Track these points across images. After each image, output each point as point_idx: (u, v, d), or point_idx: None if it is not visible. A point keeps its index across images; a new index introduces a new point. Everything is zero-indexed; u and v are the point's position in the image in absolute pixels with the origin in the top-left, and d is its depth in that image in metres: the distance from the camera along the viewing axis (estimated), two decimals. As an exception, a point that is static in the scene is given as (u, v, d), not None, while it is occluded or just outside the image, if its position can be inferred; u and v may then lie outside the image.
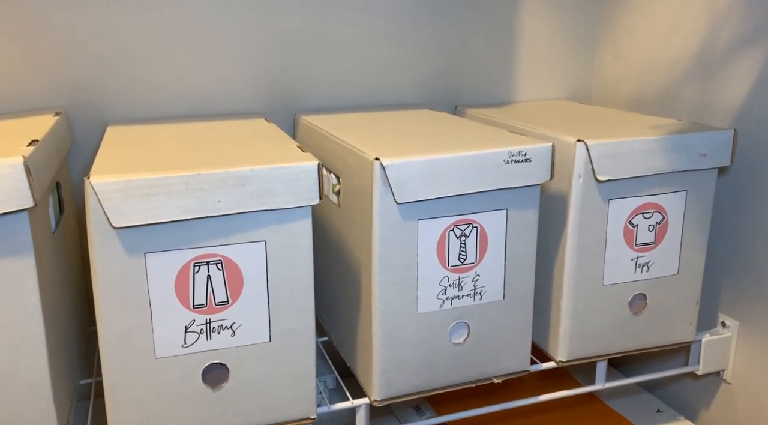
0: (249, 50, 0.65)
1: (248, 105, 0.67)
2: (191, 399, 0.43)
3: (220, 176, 0.40)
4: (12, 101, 0.59)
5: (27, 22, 0.58)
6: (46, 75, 0.59)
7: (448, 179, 0.46)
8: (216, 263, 0.42)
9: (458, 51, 0.73)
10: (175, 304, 0.42)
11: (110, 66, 0.61)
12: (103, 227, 0.39)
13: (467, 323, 0.50)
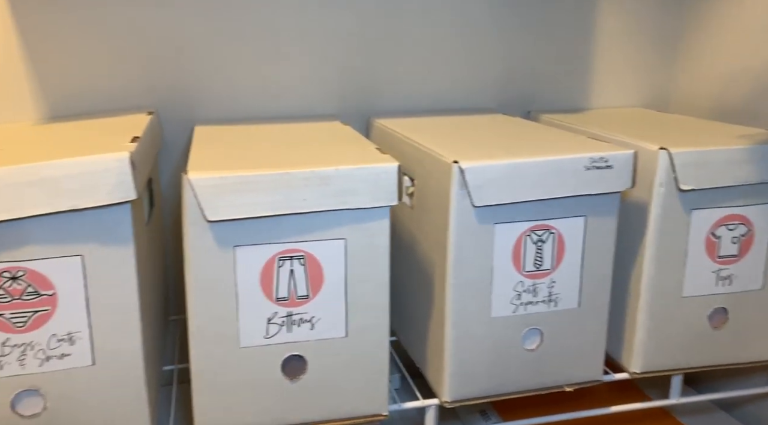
0: (325, 55, 0.67)
1: (324, 108, 0.69)
2: (271, 389, 0.45)
3: (306, 174, 0.42)
4: (106, 101, 0.63)
5: (120, 25, 0.61)
6: (137, 76, 0.63)
7: (527, 184, 0.46)
8: (299, 259, 0.44)
9: (532, 55, 0.73)
10: (260, 296, 0.43)
11: (197, 69, 0.64)
12: (198, 221, 0.41)
13: (540, 329, 0.50)
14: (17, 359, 0.39)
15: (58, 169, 0.38)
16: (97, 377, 0.41)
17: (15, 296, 0.38)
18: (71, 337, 0.40)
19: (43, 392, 0.40)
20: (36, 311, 0.39)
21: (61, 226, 0.39)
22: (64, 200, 0.38)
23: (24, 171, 0.37)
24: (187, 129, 0.65)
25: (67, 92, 0.62)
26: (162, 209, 0.65)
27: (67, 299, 0.40)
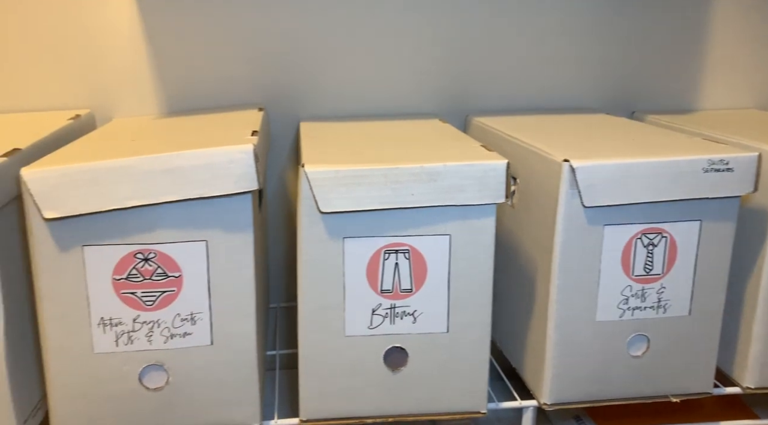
0: (425, 53, 0.68)
1: (422, 106, 0.70)
2: (373, 378, 0.46)
3: (415, 170, 0.43)
4: (219, 97, 0.67)
5: (236, 25, 0.65)
6: (248, 74, 0.66)
7: (640, 185, 0.45)
8: (404, 253, 0.45)
9: (637, 54, 0.70)
10: (366, 287, 0.45)
11: (303, 67, 0.67)
12: (312, 212, 0.43)
13: (647, 336, 0.48)
14: (146, 335, 0.42)
15: (189, 159, 0.40)
16: (214, 356, 0.44)
17: (146, 276, 0.42)
18: (193, 317, 0.43)
19: (166, 367, 0.43)
20: (164, 291, 0.42)
21: (188, 213, 0.41)
22: (193, 188, 0.41)
23: (158, 161, 0.40)
24: (290, 125, 0.68)
25: (185, 88, 0.66)
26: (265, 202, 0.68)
27: (191, 281, 0.42)
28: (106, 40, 0.63)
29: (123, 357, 0.42)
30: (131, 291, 0.41)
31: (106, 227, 0.40)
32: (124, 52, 0.63)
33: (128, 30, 0.62)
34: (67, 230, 0.40)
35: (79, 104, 0.64)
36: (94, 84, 0.64)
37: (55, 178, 0.38)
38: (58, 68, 0.62)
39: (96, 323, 0.41)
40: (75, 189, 0.39)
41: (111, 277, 0.41)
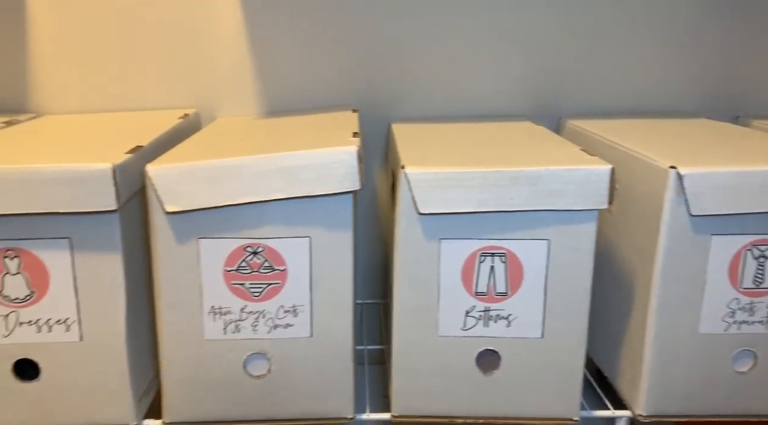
0: (516, 55, 0.68)
1: (513, 108, 0.70)
2: (465, 379, 0.47)
3: (515, 173, 0.43)
4: (314, 98, 0.69)
5: (333, 28, 0.66)
6: (342, 76, 0.68)
7: (752, 195, 0.43)
8: (500, 256, 0.45)
9: (741, 55, 0.67)
10: (460, 289, 0.45)
11: (394, 69, 0.68)
12: (410, 212, 0.44)
13: (755, 352, 0.46)
14: (251, 324, 0.45)
15: (296, 159, 0.42)
16: (313, 348, 0.46)
17: (254, 268, 0.44)
18: (295, 309, 0.45)
19: (269, 356, 0.45)
20: (269, 283, 0.44)
21: (294, 210, 0.43)
22: (299, 187, 0.43)
23: (269, 160, 0.42)
24: (379, 126, 0.70)
25: (283, 90, 0.69)
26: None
27: (295, 275, 0.44)
28: (212, 44, 0.66)
29: (230, 345, 0.45)
30: (240, 282, 0.44)
31: (220, 221, 0.43)
32: (228, 55, 0.66)
33: (233, 34, 0.66)
34: (185, 223, 0.43)
35: (185, 104, 0.68)
36: (200, 85, 0.67)
37: (177, 174, 0.41)
38: (168, 70, 0.67)
39: (207, 311, 0.44)
40: (194, 185, 0.41)
41: (222, 268, 0.44)
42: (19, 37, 0.64)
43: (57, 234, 0.42)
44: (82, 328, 0.44)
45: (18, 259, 0.42)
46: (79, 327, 0.43)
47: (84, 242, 0.42)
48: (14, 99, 0.66)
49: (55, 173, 0.40)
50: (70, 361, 0.44)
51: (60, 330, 0.43)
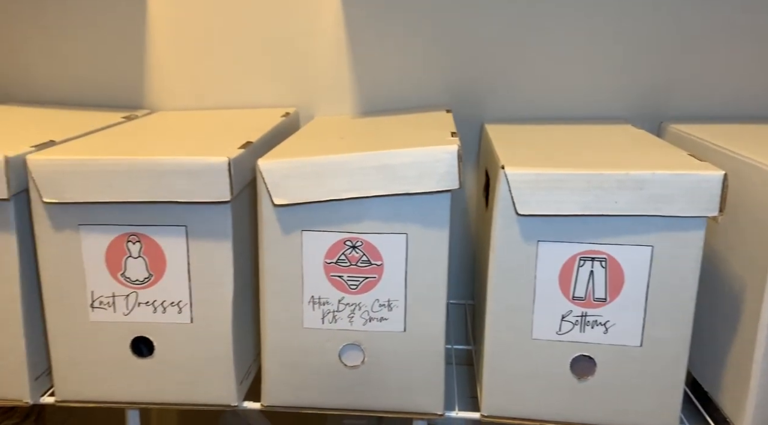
0: (614, 57, 0.66)
1: (609, 111, 0.68)
2: (558, 384, 0.46)
3: (620, 177, 0.42)
4: (408, 98, 0.70)
5: (433, 28, 0.67)
6: (436, 76, 0.69)
7: None
8: (600, 261, 0.44)
9: None
10: (557, 293, 0.45)
11: (489, 69, 0.68)
12: (508, 213, 0.44)
13: None
14: (348, 316, 0.46)
15: (397, 157, 0.43)
16: (406, 343, 0.46)
17: (352, 262, 0.45)
18: (390, 304, 0.46)
19: (363, 348, 0.47)
20: (366, 277, 0.46)
21: (393, 207, 0.44)
22: (399, 184, 0.44)
23: (371, 158, 0.43)
24: (471, 126, 0.70)
25: (378, 89, 0.70)
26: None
27: (391, 270, 0.45)
28: (313, 46, 0.68)
29: (327, 334, 0.47)
30: (339, 275, 0.46)
31: (323, 215, 0.45)
32: (327, 57, 0.69)
33: (333, 36, 0.68)
34: (290, 215, 0.45)
35: (285, 103, 0.71)
36: (300, 85, 0.70)
37: (286, 169, 0.43)
38: (271, 71, 0.70)
39: (307, 301, 0.46)
40: (301, 180, 0.43)
41: (323, 260, 0.45)
42: (139, 39, 0.69)
43: (175, 222, 0.45)
44: (193, 311, 0.47)
45: (140, 244, 0.46)
46: (190, 310, 0.47)
47: (198, 230, 0.45)
48: (131, 96, 0.71)
49: (176, 166, 0.43)
50: (181, 341, 0.47)
51: (173, 312, 0.47)
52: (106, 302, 0.46)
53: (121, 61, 0.69)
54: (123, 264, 0.46)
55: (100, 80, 0.69)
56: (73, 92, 0.70)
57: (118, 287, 0.46)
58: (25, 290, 0.46)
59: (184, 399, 0.48)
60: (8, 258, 0.45)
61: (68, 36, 0.68)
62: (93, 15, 0.68)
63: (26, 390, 0.48)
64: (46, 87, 0.70)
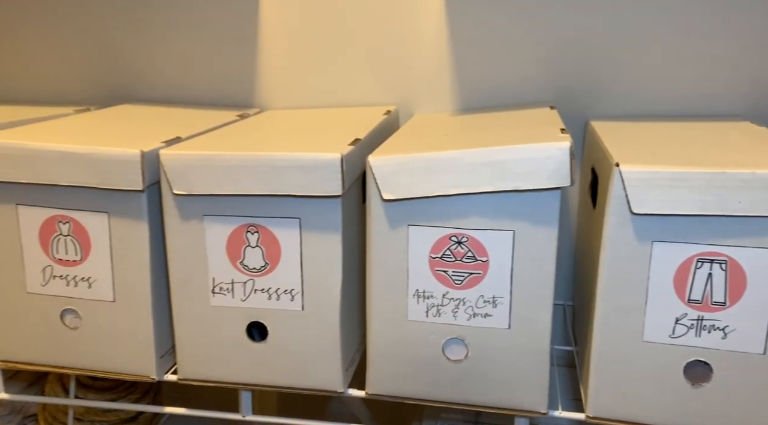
0: (730, 49, 0.62)
1: (724, 107, 0.64)
2: (670, 389, 0.44)
3: (746, 176, 0.40)
4: (510, 95, 0.70)
5: (535, 24, 0.66)
6: (539, 72, 0.68)
7: None
8: (720, 263, 0.42)
9: None
10: (671, 295, 0.43)
11: (594, 66, 0.66)
12: (622, 212, 0.43)
13: None
14: (452, 310, 0.47)
15: (507, 154, 0.43)
16: (510, 339, 0.47)
17: (458, 257, 0.46)
18: (494, 300, 0.46)
19: (467, 343, 0.47)
20: (471, 273, 0.46)
21: (500, 203, 0.45)
22: (508, 181, 0.44)
23: (480, 154, 0.44)
24: (574, 123, 0.68)
25: (480, 86, 0.70)
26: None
27: (496, 267, 0.46)
28: (414, 43, 0.69)
29: (431, 327, 0.47)
30: (444, 269, 0.46)
31: (430, 210, 0.45)
32: (428, 53, 0.69)
33: (434, 32, 0.69)
34: (398, 210, 0.46)
35: (385, 101, 0.73)
36: (400, 83, 0.71)
37: (395, 165, 0.45)
38: (373, 70, 0.71)
39: (412, 294, 0.47)
40: (410, 175, 0.44)
41: (428, 255, 0.46)
42: (251, 42, 0.73)
43: (289, 214, 0.48)
44: (304, 299, 0.49)
45: (258, 234, 0.49)
46: (301, 298, 0.49)
47: (311, 223, 0.47)
48: (242, 95, 0.75)
49: (293, 161, 0.46)
50: (293, 328, 0.50)
51: (286, 299, 0.49)
52: (225, 288, 0.49)
53: (234, 63, 0.73)
54: (242, 253, 0.49)
55: (214, 81, 0.74)
56: (190, 92, 0.75)
57: (237, 274, 0.49)
58: (154, 275, 0.50)
59: (294, 383, 0.51)
60: (140, 245, 0.49)
61: (185, 39, 0.73)
62: (207, 20, 0.72)
63: (152, 367, 0.52)
64: (167, 87, 0.75)
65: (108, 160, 0.47)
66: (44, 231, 0.50)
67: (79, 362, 0.53)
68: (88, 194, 0.48)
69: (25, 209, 0.50)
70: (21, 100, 0.78)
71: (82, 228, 0.49)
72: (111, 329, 0.51)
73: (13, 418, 0.69)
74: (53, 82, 0.77)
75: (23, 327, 0.52)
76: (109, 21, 0.74)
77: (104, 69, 0.75)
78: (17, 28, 0.76)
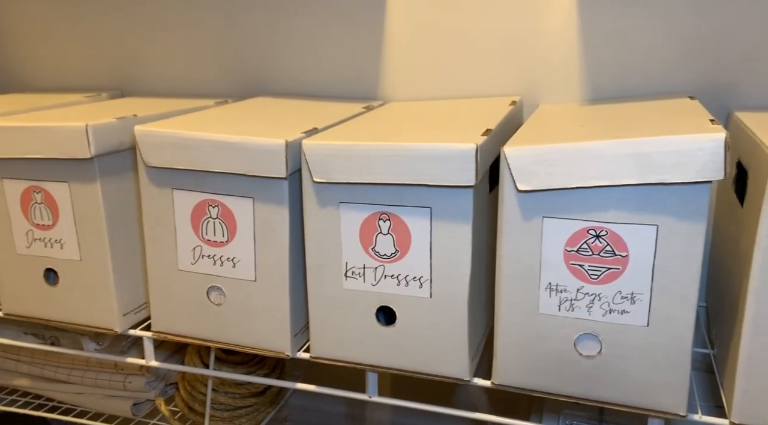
0: None
1: None
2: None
3: None
4: (644, 84, 0.66)
5: (666, 14, 0.63)
6: (676, 62, 0.64)
7: None
8: None
9: None
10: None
11: (737, 55, 0.61)
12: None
13: None
14: (586, 305, 0.46)
15: (654, 145, 0.42)
16: (649, 337, 0.45)
17: (595, 251, 0.45)
18: (633, 297, 0.45)
19: (601, 338, 0.46)
20: (609, 268, 0.45)
21: (644, 197, 0.43)
22: (654, 173, 0.42)
23: (625, 145, 0.42)
24: (716, 114, 0.64)
25: (609, 76, 0.67)
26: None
27: (637, 262, 0.44)
28: (542, 32, 0.68)
29: (563, 322, 0.47)
30: (579, 263, 0.45)
31: (566, 202, 0.45)
32: (556, 42, 0.68)
33: (564, 20, 0.67)
34: (532, 201, 0.46)
35: (508, 91, 0.72)
36: (525, 73, 0.70)
37: (532, 156, 0.44)
38: (499, 60, 0.70)
39: (544, 287, 0.47)
40: (547, 166, 0.44)
41: (563, 248, 0.45)
42: (377, 35, 0.75)
43: (420, 203, 0.49)
44: (433, 286, 0.50)
45: (389, 222, 0.50)
46: (430, 285, 0.50)
47: (441, 212, 0.48)
48: (366, 88, 0.77)
49: (428, 151, 0.46)
50: (420, 314, 0.51)
51: (415, 286, 0.50)
52: (357, 273, 0.51)
53: (360, 57, 0.75)
54: (374, 239, 0.50)
55: (339, 74, 0.77)
56: (316, 85, 0.78)
57: (369, 259, 0.51)
58: (292, 257, 0.53)
59: (421, 369, 0.52)
60: (281, 229, 0.52)
61: (314, 34, 0.76)
62: (336, 16, 0.74)
63: (287, 344, 0.55)
64: (297, 80, 0.79)
65: (255, 149, 0.50)
66: (195, 214, 0.54)
67: (221, 336, 0.57)
68: (236, 180, 0.52)
69: (180, 192, 0.54)
70: (159, 93, 0.85)
71: (229, 212, 0.53)
72: (251, 306, 0.55)
73: (157, 384, 0.76)
74: (193, 76, 0.83)
75: (174, 302, 0.58)
76: (245, 21, 0.78)
77: (239, 64, 0.80)
78: (161, 28, 0.82)
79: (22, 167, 0.58)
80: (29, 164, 0.58)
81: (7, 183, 0.59)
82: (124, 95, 0.85)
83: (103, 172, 0.57)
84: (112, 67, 0.85)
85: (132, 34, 0.83)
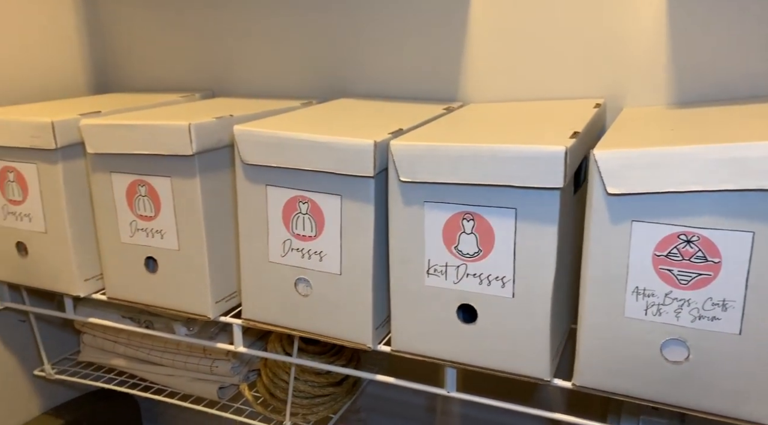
0: None
1: None
2: None
3: None
4: (734, 87, 0.64)
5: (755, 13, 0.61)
6: None
7: None
8: None
9: None
10: None
11: None
12: None
13: None
14: (674, 311, 0.45)
15: (752, 150, 0.41)
16: (741, 346, 0.44)
17: (685, 257, 0.44)
18: (725, 304, 0.44)
19: (689, 345, 0.46)
20: (699, 274, 0.44)
21: (740, 202, 0.42)
22: (751, 179, 0.41)
23: (720, 150, 0.41)
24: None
25: (699, 79, 0.66)
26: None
27: (730, 269, 0.43)
28: (628, 33, 0.66)
29: (649, 326, 0.46)
30: (668, 268, 0.45)
31: (657, 206, 0.44)
32: (644, 45, 0.66)
33: (652, 22, 0.65)
34: (622, 205, 0.45)
35: (590, 94, 0.71)
36: (609, 76, 0.69)
37: (623, 159, 0.44)
38: (583, 62, 0.70)
39: (631, 291, 0.46)
40: (639, 170, 0.44)
41: (652, 252, 0.45)
42: (459, 36, 0.75)
43: (506, 204, 0.49)
44: (515, 287, 0.50)
45: (473, 222, 0.51)
46: (512, 286, 0.51)
47: (527, 213, 0.49)
48: (446, 88, 0.78)
49: (516, 153, 0.47)
50: (502, 314, 0.51)
51: (497, 286, 0.51)
52: (439, 270, 0.53)
53: (441, 59, 0.76)
54: (457, 238, 0.51)
55: (421, 76, 0.78)
56: (397, 86, 0.80)
57: (451, 258, 0.52)
58: (376, 253, 0.55)
59: (501, 367, 0.53)
60: (366, 226, 0.54)
61: (395, 37, 0.77)
62: (417, 19, 0.76)
63: (369, 337, 0.57)
64: (377, 82, 0.81)
65: (345, 148, 0.52)
66: (287, 209, 0.57)
67: (307, 326, 0.60)
68: (326, 178, 0.54)
69: (273, 189, 0.57)
70: (247, 94, 0.89)
71: (318, 208, 0.56)
72: (335, 299, 0.57)
73: (241, 369, 0.80)
74: (278, 77, 0.86)
75: (264, 292, 0.61)
76: (328, 25, 0.81)
77: (322, 66, 0.83)
78: (250, 33, 0.86)
79: (128, 162, 0.63)
80: (135, 159, 0.63)
81: (115, 177, 0.64)
82: (215, 96, 0.89)
83: (202, 168, 0.61)
84: (203, 69, 0.90)
85: (223, 40, 0.87)
